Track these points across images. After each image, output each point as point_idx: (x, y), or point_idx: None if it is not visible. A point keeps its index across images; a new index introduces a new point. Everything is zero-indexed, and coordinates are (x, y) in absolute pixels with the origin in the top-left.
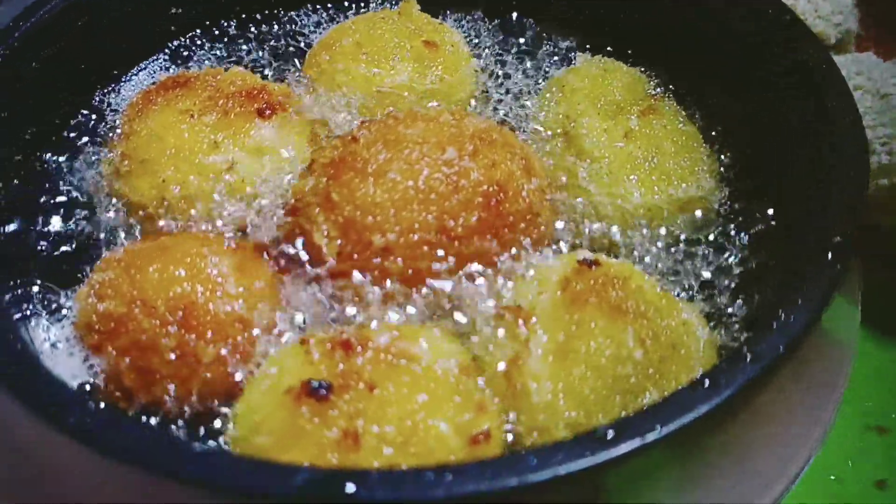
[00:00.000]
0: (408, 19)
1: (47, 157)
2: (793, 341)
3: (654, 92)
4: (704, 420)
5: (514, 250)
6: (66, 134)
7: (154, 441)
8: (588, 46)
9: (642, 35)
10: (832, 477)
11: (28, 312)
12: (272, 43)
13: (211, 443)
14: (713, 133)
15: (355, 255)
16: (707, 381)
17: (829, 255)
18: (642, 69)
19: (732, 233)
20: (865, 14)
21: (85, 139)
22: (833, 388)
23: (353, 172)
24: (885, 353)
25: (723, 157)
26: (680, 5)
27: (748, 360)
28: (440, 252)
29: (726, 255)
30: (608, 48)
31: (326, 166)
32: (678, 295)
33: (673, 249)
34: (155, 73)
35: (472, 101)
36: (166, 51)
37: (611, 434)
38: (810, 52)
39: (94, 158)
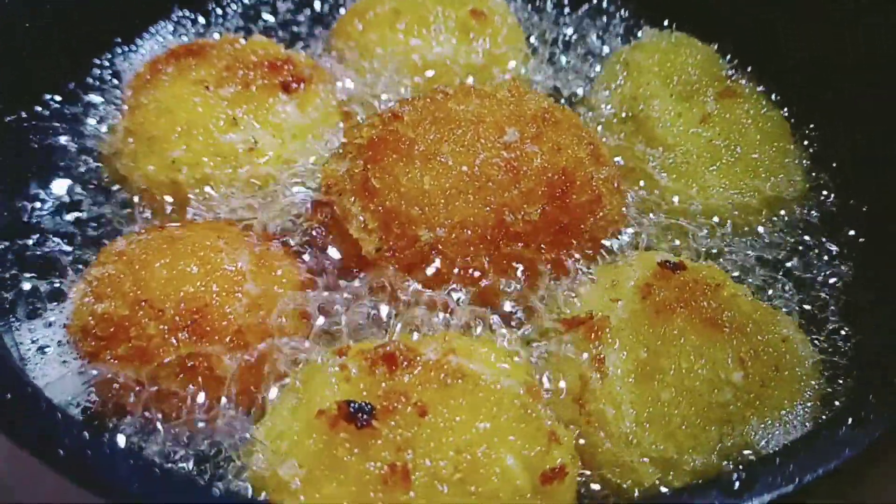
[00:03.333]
0: None
1: (38, 131)
2: None
3: (730, 72)
4: (851, 465)
5: (581, 249)
6: (61, 106)
7: (165, 484)
8: (652, 20)
9: (715, 7)
10: None
11: (14, 311)
12: (297, 9)
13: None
14: (797, 120)
15: (397, 252)
16: (851, 419)
17: None
18: (715, 46)
19: (828, 235)
20: None
21: (83, 114)
22: None
23: (396, 155)
24: None
25: (811, 148)
26: None
27: None
28: (497, 250)
29: (823, 260)
30: (674, 22)
31: (363, 147)
32: (770, 306)
33: (760, 253)
34: (165, 39)
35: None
36: (177, 15)
37: (737, 483)
38: None
39: (93, 135)
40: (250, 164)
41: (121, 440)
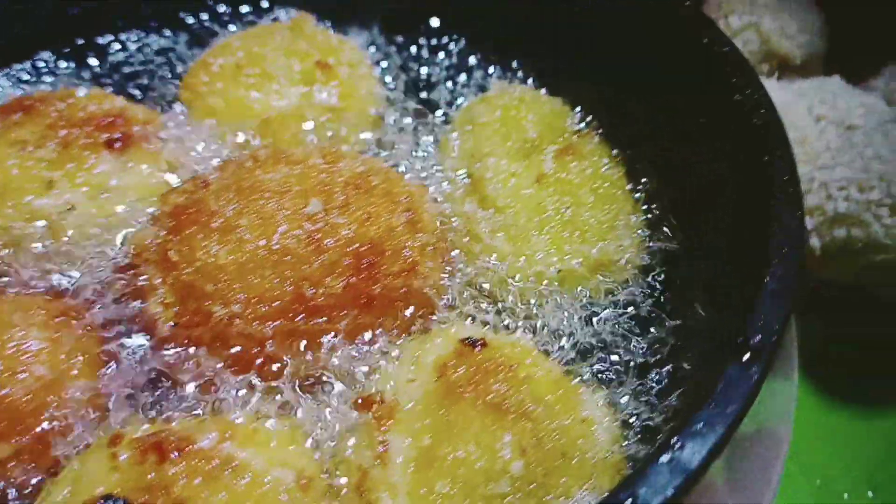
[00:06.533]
0: (300, 36)
1: None
2: (716, 448)
3: (578, 126)
4: None
5: (391, 322)
6: None
7: None
8: (516, 72)
9: (574, 63)
10: None
11: None
12: (153, 61)
13: None
14: (639, 175)
15: (191, 328)
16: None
17: (748, 355)
18: (567, 100)
19: (654, 300)
20: (833, 34)
21: None
22: (768, 483)
23: (197, 226)
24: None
25: (649, 205)
26: (612, 37)
27: (669, 473)
28: (295, 326)
29: (647, 326)
30: (538, 76)
31: (167, 216)
32: (584, 378)
33: (583, 320)
34: (5, 91)
35: (370, 133)
36: (23, 65)
37: None
38: (748, 92)
39: None
40: (63, 229)
41: None
